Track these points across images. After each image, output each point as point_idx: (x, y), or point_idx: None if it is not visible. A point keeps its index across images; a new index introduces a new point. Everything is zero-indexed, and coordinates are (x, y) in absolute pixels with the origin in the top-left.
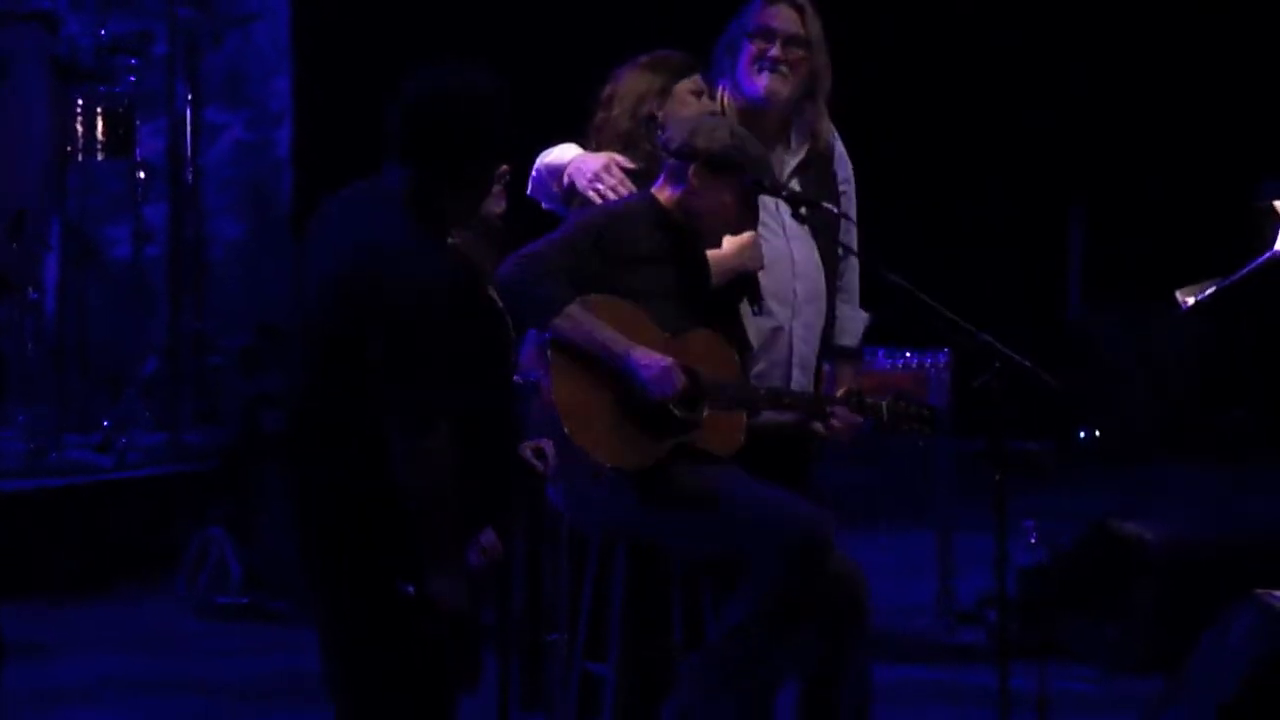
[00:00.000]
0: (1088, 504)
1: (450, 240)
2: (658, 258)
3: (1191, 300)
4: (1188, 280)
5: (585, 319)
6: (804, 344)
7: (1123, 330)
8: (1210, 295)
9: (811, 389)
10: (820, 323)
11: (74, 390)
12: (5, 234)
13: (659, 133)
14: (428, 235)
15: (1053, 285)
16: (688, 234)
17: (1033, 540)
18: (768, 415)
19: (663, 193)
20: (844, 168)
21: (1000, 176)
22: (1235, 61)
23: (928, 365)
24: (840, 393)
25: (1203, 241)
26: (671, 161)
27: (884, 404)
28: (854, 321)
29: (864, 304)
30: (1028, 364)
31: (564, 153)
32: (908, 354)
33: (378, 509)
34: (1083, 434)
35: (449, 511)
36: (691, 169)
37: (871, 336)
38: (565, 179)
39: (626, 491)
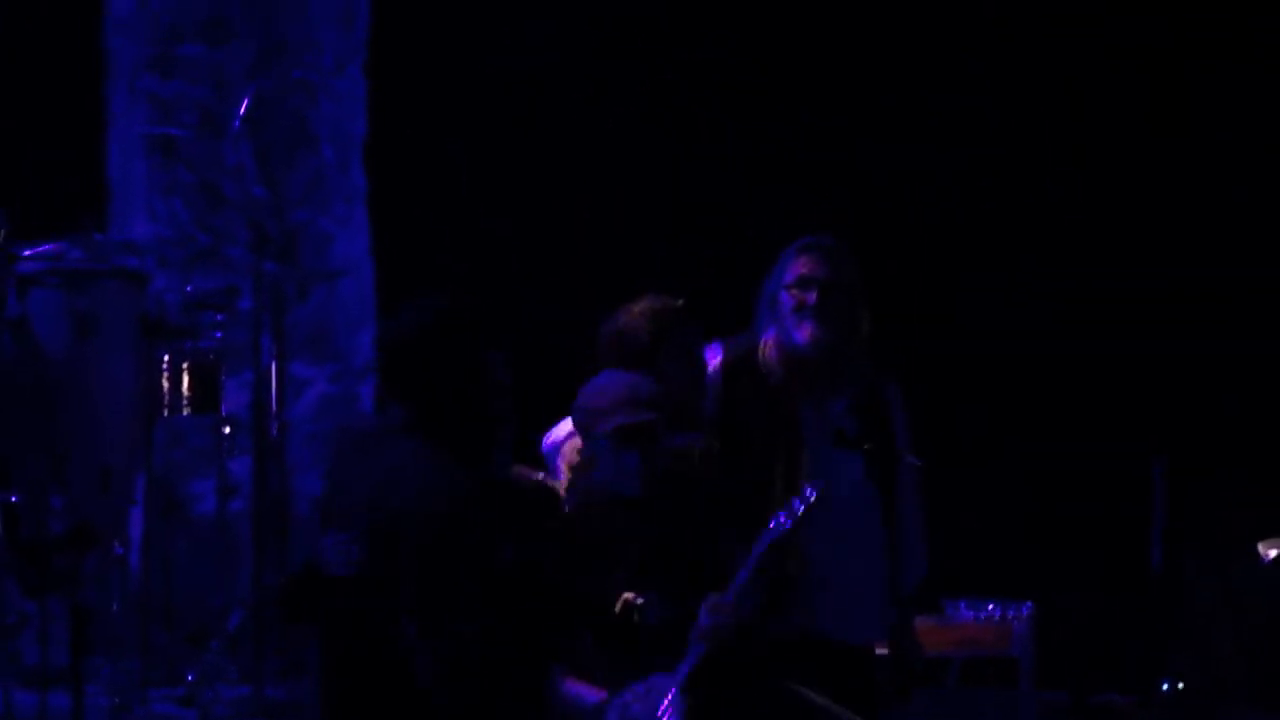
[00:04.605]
0: None
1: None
2: None
3: (1275, 553)
4: (1275, 530)
5: None
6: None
7: (1207, 580)
8: None
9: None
10: (869, 572)
11: (159, 644)
12: (93, 489)
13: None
14: (434, 458)
15: (1136, 538)
16: None
17: None
18: None
19: None
20: (900, 420)
21: (1083, 429)
22: None
23: (1010, 617)
24: None
25: None
26: None
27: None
28: (908, 566)
29: (947, 555)
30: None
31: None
32: (990, 605)
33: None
34: (1166, 685)
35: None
36: None
37: (952, 587)
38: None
39: None
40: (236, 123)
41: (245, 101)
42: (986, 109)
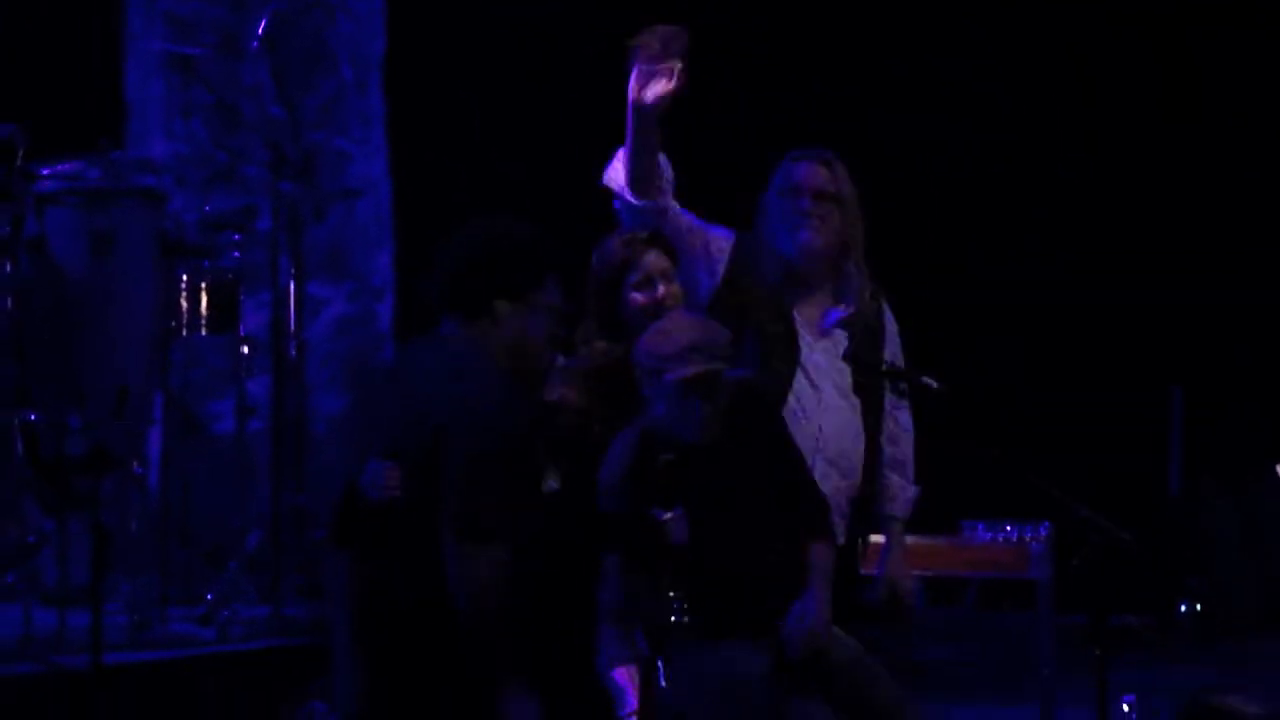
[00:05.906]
0: (1188, 678)
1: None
2: None
3: None
4: None
5: None
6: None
7: (1223, 504)
8: None
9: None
10: (848, 489)
11: (177, 563)
12: (109, 409)
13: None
14: (492, 369)
15: (1153, 464)
16: None
17: (1132, 716)
18: None
19: None
20: (892, 338)
21: (1101, 360)
22: None
23: (1028, 539)
24: None
25: None
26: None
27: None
28: (903, 491)
29: (966, 478)
30: (1127, 537)
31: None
32: (1007, 527)
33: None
34: (1183, 607)
35: (499, 625)
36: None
37: (971, 510)
38: None
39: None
40: (255, 42)
41: (264, 21)
42: (996, 69)
